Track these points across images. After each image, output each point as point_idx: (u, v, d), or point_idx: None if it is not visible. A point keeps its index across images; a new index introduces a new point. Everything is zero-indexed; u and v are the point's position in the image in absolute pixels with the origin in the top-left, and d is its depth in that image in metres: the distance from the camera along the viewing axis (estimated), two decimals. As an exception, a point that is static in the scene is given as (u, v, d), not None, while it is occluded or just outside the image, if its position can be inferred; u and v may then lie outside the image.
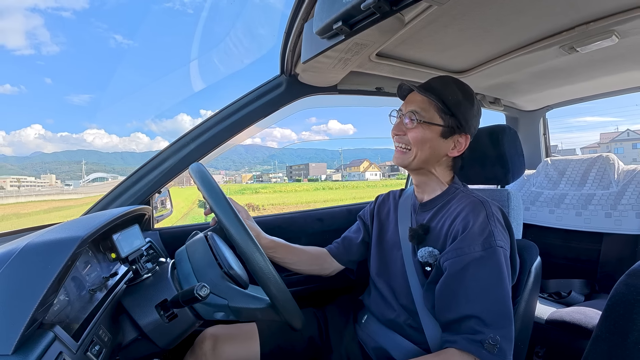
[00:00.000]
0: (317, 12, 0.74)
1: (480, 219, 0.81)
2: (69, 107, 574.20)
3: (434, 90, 0.89)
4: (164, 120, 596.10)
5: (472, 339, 0.71)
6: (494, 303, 0.73)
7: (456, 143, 0.91)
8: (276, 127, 33.36)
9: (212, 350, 0.96)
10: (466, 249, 0.78)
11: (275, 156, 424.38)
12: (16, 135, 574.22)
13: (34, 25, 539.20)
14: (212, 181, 0.72)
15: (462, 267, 0.77)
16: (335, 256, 1.12)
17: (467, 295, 0.74)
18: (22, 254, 0.56)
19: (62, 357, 0.54)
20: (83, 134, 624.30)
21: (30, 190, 32.81)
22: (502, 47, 1.19)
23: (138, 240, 0.92)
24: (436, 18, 0.94)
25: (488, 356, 0.69)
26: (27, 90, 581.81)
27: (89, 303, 0.73)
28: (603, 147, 75.29)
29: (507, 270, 0.77)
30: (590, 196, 1.61)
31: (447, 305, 0.77)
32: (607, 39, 1.04)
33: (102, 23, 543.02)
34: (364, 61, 1.18)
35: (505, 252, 0.78)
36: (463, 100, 0.89)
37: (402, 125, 0.92)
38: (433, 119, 0.88)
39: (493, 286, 0.74)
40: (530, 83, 1.60)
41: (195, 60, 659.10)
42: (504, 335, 0.70)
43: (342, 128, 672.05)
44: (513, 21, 0.99)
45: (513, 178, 1.08)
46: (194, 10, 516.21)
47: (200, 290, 0.70)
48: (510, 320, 0.72)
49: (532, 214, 1.78)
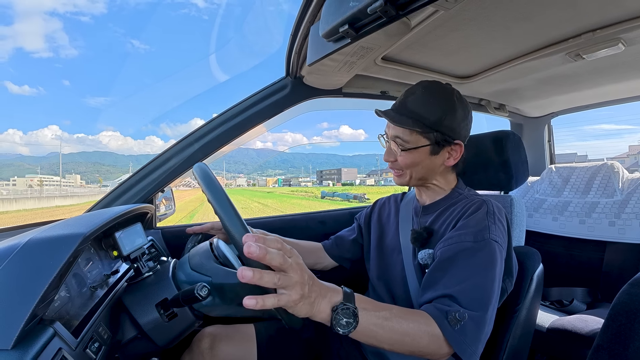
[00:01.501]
0: (323, 15, 0.74)
1: (479, 215, 0.80)
2: (85, 109, 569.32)
3: (410, 113, 0.85)
4: (179, 124, 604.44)
5: (440, 308, 0.68)
6: (473, 288, 0.70)
7: (450, 152, 0.89)
8: (287, 131, 33.27)
9: (209, 349, 0.96)
10: (457, 239, 0.77)
11: (287, 161, 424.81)
12: (33, 135, 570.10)
13: (53, 29, 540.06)
14: (215, 181, 0.72)
15: (450, 255, 0.75)
16: (327, 252, 1.14)
17: (449, 280, 0.72)
18: (25, 249, 0.57)
19: (61, 354, 0.54)
20: (99, 135, 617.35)
21: (64, 191, 32.09)
22: (507, 53, 1.19)
23: (140, 239, 0.92)
24: (442, 23, 0.94)
25: (448, 329, 0.65)
26: (46, 91, 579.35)
27: (90, 300, 0.73)
28: (632, 158, 74.55)
29: (500, 266, 0.75)
30: (594, 204, 1.60)
31: (427, 287, 0.75)
32: (614, 46, 1.04)
33: (119, 28, 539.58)
34: (370, 65, 1.18)
35: (500, 247, 0.76)
36: (444, 112, 0.84)
37: (390, 152, 0.91)
38: (418, 142, 0.86)
39: (477, 274, 0.72)
40: (536, 89, 1.60)
41: (213, 56, 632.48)
42: (473, 318, 0.67)
43: (353, 133, 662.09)
44: (519, 27, 0.99)
45: (516, 184, 1.08)
46: (209, 16, 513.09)
47: (201, 290, 0.70)
48: (486, 310, 0.69)
49: (535, 221, 1.77)
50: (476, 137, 1.11)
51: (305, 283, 0.54)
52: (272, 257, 0.49)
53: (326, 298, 0.58)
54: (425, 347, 0.65)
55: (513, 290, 0.86)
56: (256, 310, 0.48)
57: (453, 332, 0.65)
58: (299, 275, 0.53)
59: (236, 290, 0.73)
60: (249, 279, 0.48)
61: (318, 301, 0.56)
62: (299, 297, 0.52)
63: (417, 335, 0.64)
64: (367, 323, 0.60)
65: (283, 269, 0.51)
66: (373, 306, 0.64)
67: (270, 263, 0.50)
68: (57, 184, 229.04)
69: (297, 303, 0.53)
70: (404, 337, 0.63)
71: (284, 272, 0.51)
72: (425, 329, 0.65)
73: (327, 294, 0.58)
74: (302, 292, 0.53)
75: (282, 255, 0.51)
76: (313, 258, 1.13)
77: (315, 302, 0.56)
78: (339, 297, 0.59)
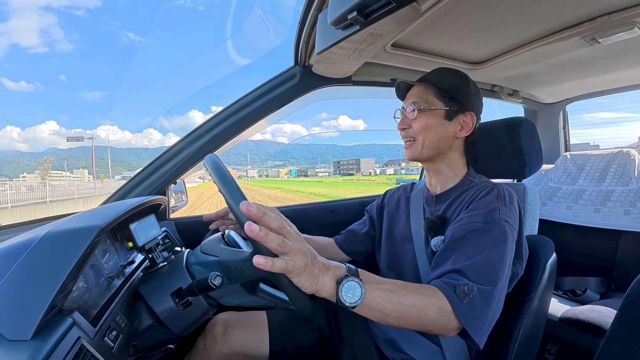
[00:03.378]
0: (331, 2, 0.73)
1: (490, 197, 0.80)
2: (82, 103, 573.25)
3: (428, 80, 0.92)
4: (176, 116, 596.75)
5: (448, 282, 0.68)
6: (482, 264, 0.70)
7: (462, 123, 0.90)
8: (286, 122, 33.17)
9: (222, 334, 0.99)
10: (467, 219, 0.77)
11: (285, 152, 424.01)
12: (31, 131, 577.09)
13: (48, 24, 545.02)
14: (226, 172, 0.72)
15: (460, 235, 0.75)
16: (340, 247, 1.14)
17: (458, 257, 0.72)
18: (42, 242, 0.58)
19: (80, 342, 0.55)
20: (97, 130, 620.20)
21: (81, 187, 31.13)
22: (521, 38, 1.16)
23: (154, 230, 0.94)
24: (453, 7, 0.92)
25: (456, 301, 0.65)
26: (42, 87, 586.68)
27: (107, 290, 0.75)
28: None
29: (511, 245, 0.74)
30: (609, 192, 1.57)
31: (436, 266, 0.75)
32: (630, 30, 1.01)
33: (114, 21, 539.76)
34: (379, 52, 1.16)
35: (510, 227, 0.75)
36: (458, 82, 0.91)
37: (405, 119, 0.93)
38: (434, 104, 0.89)
39: (486, 250, 0.71)
40: (550, 75, 1.55)
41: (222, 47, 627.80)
42: (482, 292, 0.67)
43: (352, 124, 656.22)
44: (533, 10, 0.96)
45: (530, 172, 1.06)
46: (204, 7, 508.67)
47: (215, 279, 0.71)
48: (494, 285, 0.68)
49: (548, 210, 1.74)
50: (489, 124, 1.09)
51: (307, 252, 0.55)
52: (270, 219, 0.51)
53: (330, 272, 0.58)
54: (433, 320, 0.64)
55: (525, 279, 0.85)
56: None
57: (461, 304, 0.65)
58: (299, 244, 0.54)
59: (241, 268, 0.73)
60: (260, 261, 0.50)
61: (322, 274, 0.57)
62: (303, 265, 0.54)
63: (424, 308, 0.64)
64: (373, 296, 0.60)
65: (282, 233, 0.53)
66: (377, 279, 0.64)
67: (268, 225, 0.51)
68: (69, 179, 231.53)
69: (302, 271, 0.54)
70: (412, 309, 0.63)
71: (284, 237, 0.53)
72: (432, 302, 0.64)
73: (330, 268, 0.59)
74: (305, 259, 0.54)
75: (278, 220, 0.53)
76: (326, 253, 1.12)
77: (319, 276, 0.57)
78: (343, 271, 0.60)
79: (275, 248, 0.51)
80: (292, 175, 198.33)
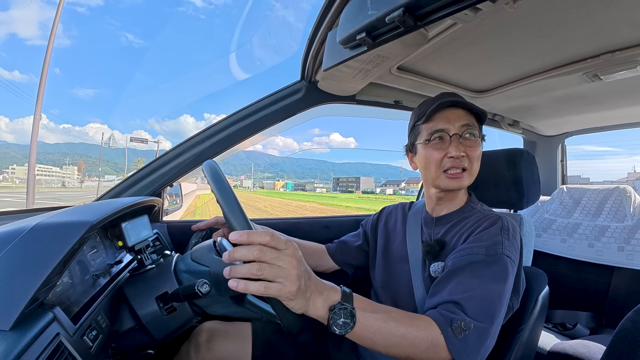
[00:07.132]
0: (341, 22, 0.74)
1: (494, 229, 0.79)
2: (74, 100, 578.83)
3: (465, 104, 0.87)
4: (167, 120, 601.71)
5: (445, 314, 0.66)
6: (481, 299, 0.68)
7: None
8: (279, 135, 33.33)
9: (206, 342, 0.97)
10: (469, 250, 0.76)
11: (275, 165, 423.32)
12: (19, 123, 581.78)
13: (48, 17, 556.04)
14: (223, 179, 0.72)
15: (461, 265, 0.74)
16: (331, 255, 1.13)
17: (457, 287, 0.70)
18: (32, 232, 0.57)
19: (58, 339, 0.54)
20: (86, 127, 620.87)
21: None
22: (524, 70, 1.18)
23: (146, 231, 0.93)
24: (460, 36, 0.94)
25: (451, 336, 0.63)
26: (36, 79, 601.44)
27: (91, 288, 0.74)
28: (630, 184, 73.98)
29: (510, 282, 0.73)
30: (604, 228, 1.57)
31: (433, 294, 0.74)
32: (632, 69, 1.03)
33: (114, 20, 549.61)
34: (385, 73, 1.18)
35: (512, 263, 0.74)
36: (479, 110, 0.89)
37: (459, 146, 0.83)
38: (479, 131, 0.88)
39: (486, 285, 0.70)
40: (551, 108, 1.58)
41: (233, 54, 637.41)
42: (479, 329, 0.65)
43: (343, 141, 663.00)
44: (538, 44, 0.98)
45: (528, 203, 1.06)
46: (206, 16, 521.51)
47: (202, 287, 0.70)
48: (491, 323, 0.67)
49: (543, 242, 1.74)
50: (491, 153, 1.10)
51: (301, 275, 0.54)
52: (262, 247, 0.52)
53: (322, 295, 0.57)
54: (423, 353, 0.63)
55: (517, 311, 0.85)
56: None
57: (456, 340, 0.64)
58: (294, 268, 0.53)
59: None
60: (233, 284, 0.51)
61: (314, 297, 0.56)
62: (296, 289, 0.52)
63: (415, 341, 0.63)
64: (365, 325, 0.59)
65: (273, 256, 0.52)
66: (372, 307, 0.63)
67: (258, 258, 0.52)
68: (58, 175, 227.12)
69: (294, 296, 0.53)
70: (402, 340, 0.62)
71: (275, 265, 0.52)
72: (425, 335, 0.63)
73: (323, 291, 0.58)
74: (298, 283, 0.53)
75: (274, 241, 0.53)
76: (315, 260, 1.12)
77: (311, 298, 0.56)
78: (337, 296, 0.59)
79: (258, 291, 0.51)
80: (289, 189, 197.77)
